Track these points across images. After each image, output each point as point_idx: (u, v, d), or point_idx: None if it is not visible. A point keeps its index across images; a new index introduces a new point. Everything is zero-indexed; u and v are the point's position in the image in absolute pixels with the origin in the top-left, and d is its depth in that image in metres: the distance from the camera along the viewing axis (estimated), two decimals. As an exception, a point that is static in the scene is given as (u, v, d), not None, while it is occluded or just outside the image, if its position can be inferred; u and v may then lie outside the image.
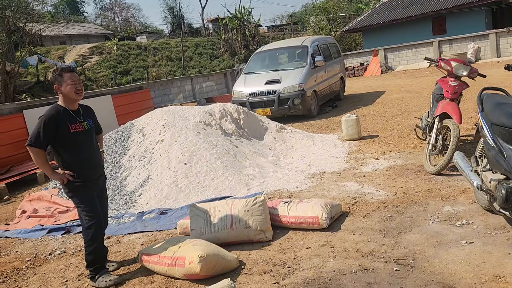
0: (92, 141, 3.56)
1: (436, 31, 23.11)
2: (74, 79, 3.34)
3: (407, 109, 9.50)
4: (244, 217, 3.76)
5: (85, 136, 3.44)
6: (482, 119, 3.41)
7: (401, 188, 4.55)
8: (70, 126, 3.32)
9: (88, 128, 3.48)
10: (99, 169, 3.62)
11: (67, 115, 3.35)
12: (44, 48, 27.80)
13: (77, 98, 3.39)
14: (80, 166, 3.40)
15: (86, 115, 3.53)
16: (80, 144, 3.40)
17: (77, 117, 3.41)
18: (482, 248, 3.04)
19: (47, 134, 3.24)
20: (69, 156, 3.37)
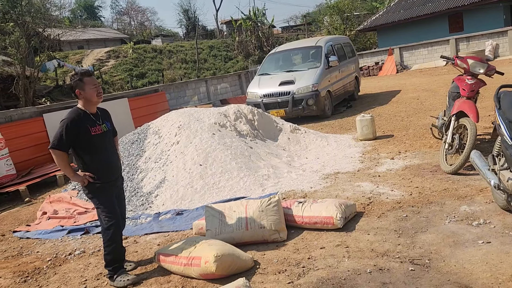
0: (111, 143, 3.67)
1: (452, 29, 22.78)
2: (95, 83, 3.47)
3: (423, 108, 9.40)
4: (259, 218, 3.79)
5: (104, 138, 3.53)
6: (500, 117, 3.37)
7: (416, 188, 4.51)
8: (90, 129, 3.41)
9: (107, 131, 3.58)
10: (117, 171, 3.71)
11: (87, 118, 3.44)
12: (63, 52, 28.36)
13: (98, 101, 3.51)
14: (100, 168, 3.48)
15: (104, 118, 3.63)
16: (100, 146, 3.49)
17: (96, 120, 3.50)
18: (500, 248, 3.01)
19: (69, 137, 3.33)
20: (90, 158, 3.45)
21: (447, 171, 4.75)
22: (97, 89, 3.47)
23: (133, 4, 64.89)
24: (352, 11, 30.81)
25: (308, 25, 44.44)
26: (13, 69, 14.76)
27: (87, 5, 57.81)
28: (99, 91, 3.50)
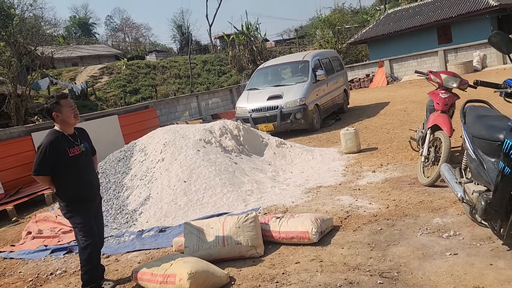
0: (90, 163, 3.75)
1: (441, 40, 23.13)
2: (71, 105, 3.57)
3: (409, 120, 9.53)
4: (236, 234, 3.85)
5: (82, 158, 3.60)
6: (464, 131, 3.47)
7: (394, 201, 4.59)
8: (68, 150, 3.49)
9: (85, 150, 3.66)
10: (96, 190, 3.79)
11: (64, 140, 3.52)
12: (56, 70, 28.52)
13: (75, 122, 3.61)
14: (79, 187, 3.56)
15: (82, 137, 3.72)
16: (79, 166, 3.56)
17: (74, 140, 3.58)
18: (465, 259, 3.08)
19: (50, 160, 3.41)
20: (69, 178, 3.51)
21: (424, 183, 4.84)
22: (74, 110, 3.57)
23: (128, 21, 65.48)
24: (343, 25, 31.22)
25: (301, 39, 44.92)
26: (4, 88, 14.86)
27: (81, 22, 58.31)
28: (76, 112, 3.61)
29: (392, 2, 42.43)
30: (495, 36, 2.73)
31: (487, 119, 3.25)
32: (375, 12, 37.91)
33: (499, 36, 2.73)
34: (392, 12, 27.34)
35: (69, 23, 57.24)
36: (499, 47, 2.73)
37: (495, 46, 2.74)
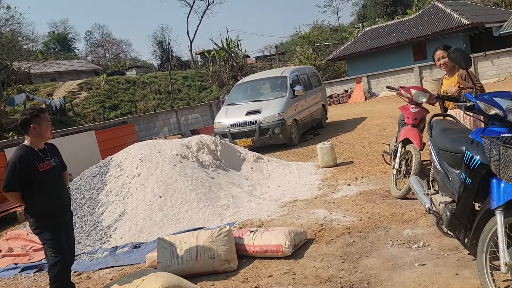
0: (60, 178, 3.70)
1: (417, 57, 23.73)
2: (49, 120, 3.60)
3: (384, 134, 9.70)
4: (209, 248, 3.84)
5: (53, 173, 3.56)
6: (431, 144, 3.57)
7: (367, 214, 4.66)
8: (38, 165, 3.43)
9: (55, 166, 3.61)
10: (66, 205, 3.74)
11: (35, 154, 3.47)
12: (33, 85, 28.05)
13: (49, 137, 3.63)
14: (49, 203, 3.50)
15: (52, 153, 3.67)
16: (49, 181, 3.51)
17: (44, 156, 3.53)
18: (433, 269, 3.14)
19: (20, 176, 3.36)
20: (39, 193, 3.46)
21: (396, 196, 4.93)
22: (50, 126, 3.59)
23: (108, 36, 65.17)
24: (322, 41, 31.78)
25: (281, 55, 45.48)
26: (-22, 104, 14.57)
27: (60, 37, 57.78)
28: (52, 128, 3.65)
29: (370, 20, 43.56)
30: (454, 52, 2.84)
31: (451, 132, 3.36)
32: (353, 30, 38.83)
33: (457, 52, 2.85)
34: (370, 30, 28.00)
35: (47, 38, 56.70)
36: (458, 62, 2.85)
37: (454, 62, 2.86)
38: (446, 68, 4.53)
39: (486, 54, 18.79)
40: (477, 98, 2.72)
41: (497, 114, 2.61)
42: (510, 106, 2.58)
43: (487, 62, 18.88)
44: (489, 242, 2.56)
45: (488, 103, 2.66)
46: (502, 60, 18.61)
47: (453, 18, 21.98)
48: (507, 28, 21.01)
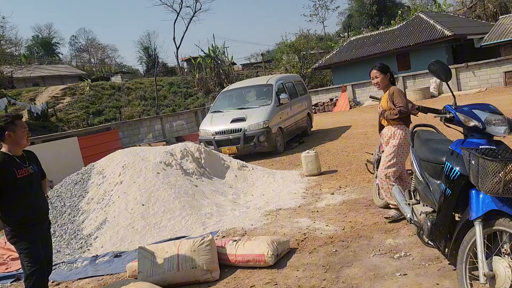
0: (38, 186, 3.64)
1: (401, 67, 24.09)
2: (25, 127, 3.53)
3: (368, 143, 9.78)
4: (191, 258, 3.80)
5: (31, 180, 3.50)
6: (413, 154, 3.61)
7: (350, 223, 4.67)
8: (17, 171, 3.39)
9: (33, 173, 3.56)
10: (44, 214, 3.67)
11: (12, 161, 3.43)
12: (15, 90, 27.58)
13: (26, 144, 3.54)
14: (26, 211, 3.44)
15: (31, 160, 3.62)
16: (26, 189, 3.45)
17: (22, 162, 3.49)
18: (414, 279, 3.16)
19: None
20: (16, 201, 3.40)
21: (379, 205, 4.95)
22: (26, 133, 3.53)
23: (93, 41, 64.60)
24: (308, 50, 32.04)
25: (267, 63, 45.68)
26: (-42, 108, 14.26)
27: (44, 42, 57.09)
28: (29, 135, 3.59)
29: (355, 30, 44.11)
30: (434, 64, 2.88)
31: (432, 143, 3.39)
32: (339, 39, 39.25)
33: (437, 64, 2.89)
34: (355, 39, 28.36)
35: (31, 42, 55.98)
36: (438, 75, 2.89)
37: (434, 74, 2.90)
38: (379, 87, 4.60)
39: (468, 65, 19.18)
40: (457, 110, 2.76)
41: (476, 126, 2.65)
42: (488, 118, 2.62)
43: (469, 73, 19.26)
44: (468, 252, 2.58)
45: (467, 115, 2.70)
46: (483, 71, 19.01)
47: (436, 30, 22.41)
48: (488, 40, 21.50)
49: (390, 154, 4.47)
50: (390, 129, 4.51)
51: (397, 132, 4.45)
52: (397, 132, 4.45)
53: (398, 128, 4.46)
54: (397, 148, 4.45)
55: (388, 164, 4.48)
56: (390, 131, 4.51)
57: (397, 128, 4.46)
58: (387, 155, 4.51)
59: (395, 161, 4.46)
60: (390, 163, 4.48)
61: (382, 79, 4.56)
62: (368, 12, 45.62)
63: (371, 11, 45.30)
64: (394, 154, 4.46)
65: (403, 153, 4.49)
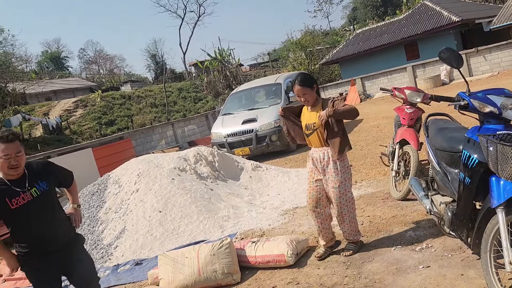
0: (48, 209, 2.93)
1: (409, 57, 23.85)
2: (8, 152, 2.72)
3: (382, 136, 9.69)
4: (211, 262, 3.80)
5: (33, 207, 2.81)
6: (428, 144, 3.56)
7: (368, 217, 4.62)
8: (10, 202, 2.74)
9: (38, 196, 2.85)
10: (60, 240, 2.95)
11: (5, 188, 2.76)
12: (29, 106, 28.08)
13: (11, 173, 2.78)
14: (30, 243, 2.84)
15: (37, 177, 2.90)
16: (26, 219, 2.81)
17: (18, 187, 2.79)
18: (438, 271, 3.11)
19: None
20: (16, 232, 2.85)
21: (396, 197, 4.90)
22: (10, 160, 2.72)
23: (101, 53, 65.33)
24: (314, 46, 31.92)
25: (274, 62, 45.64)
26: (-26, 127, 14.55)
27: (53, 56, 57.94)
28: (13, 163, 2.74)
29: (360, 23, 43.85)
30: (444, 52, 2.84)
31: (447, 131, 3.35)
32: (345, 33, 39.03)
33: (448, 52, 2.84)
34: (361, 32, 28.16)
35: (41, 58, 56.84)
36: (449, 62, 2.84)
37: (445, 62, 2.85)
38: (308, 103, 3.79)
39: (478, 49, 18.88)
40: (471, 97, 2.71)
41: (492, 112, 2.59)
42: (504, 103, 2.56)
43: (480, 57, 18.96)
44: (492, 241, 2.53)
45: (482, 101, 2.65)
46: (494, 55, 18.70)
47: (443, 16, 22.12)
48: (497, 23, 21.14)
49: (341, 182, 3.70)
50: (326, 151, 3.72)
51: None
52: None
53: None
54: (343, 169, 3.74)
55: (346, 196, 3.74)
56: (326, 154, 3.71)
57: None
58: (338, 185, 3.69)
59: (349, 186, 3.78)
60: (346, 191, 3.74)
61: (310, 94, 3.71)
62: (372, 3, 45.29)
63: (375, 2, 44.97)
64: (344, 179, 3.72)
65: (350, 175, 3.84)
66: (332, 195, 3.72)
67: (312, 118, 3.78)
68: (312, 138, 3.81)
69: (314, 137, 3.79)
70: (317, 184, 3.83)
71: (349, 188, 3.77)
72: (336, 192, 3.68)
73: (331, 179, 3.70)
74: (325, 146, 3.74)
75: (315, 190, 3.84)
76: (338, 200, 3.71)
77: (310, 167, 3.91)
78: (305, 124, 3.85)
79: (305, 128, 3.86)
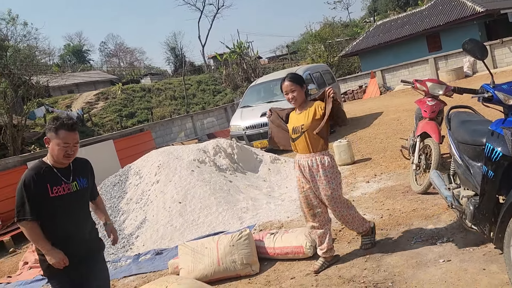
0: (82, 208, 2.84)
1: (431, 48, 23.38)
2: (68, 142, 2.68)
3: (402, 129, 9.57)
4: (230, 252, 3.85)
5: (71, 200, 2.72)
6: (450, 137, 3.51)
7: (387, 210, 4.59)
8: (50, 188, 2.64)
9: (78, 190, 2.77)
10: (83, 242, 2.80)
11: (49, 175, 2.68)
12: (52, 98, 28.68)
13: (65, 162, 2.74)
14: (56, 238, 2.67)
15: (79, 173, 2.82)
16: (61, 211, 2.70)
17: (63, 176, 2.72)
18: (459, 265, 3.08)
19: (30, 200, 2.60)
20: (45, 224, 2.66)
21: (417, 191, 4.85)
22: (67, 149, 2.68)
23: (122, 46, 66.05)
24: (333, 38, 31.58)
25: (293, 54, 45.36)
26: (0, 119, 14.93)
27: (75, 50, 58.89)
28: (70, 152, 2.71)
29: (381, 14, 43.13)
30: (468, 43, 2.78)
31: (470, 124, 3.29)
32: (365, 24, 38.46)
33: (472, 43, 2.79)
34: (381, 23, 27.71)
35: (63, 51, 57.86)
36: (473, 53, 2.78)
37: (469, 53, 2.80)
38: (296, 102, 3.59)
39: (503, 41, 18.36)
40: (495, 89, 2.66)
41: (517, 104, 2.54)
42: (530, 95, 2.51)
43: (505, 49, 18.44)
44: (515, 235, 2.49)
45: (507, 93, 2.59)
46: (520, 46, 18.18)
47: (467, 6, 21.58)
48: (523, 13, 20.51)
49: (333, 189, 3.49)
50: (314, 158, 3.50)
51: (324, 159, 3.50)
52: (325, 159, 3.50)
53: (324, 155, 3.52)
54: (333, 176, 3.51)
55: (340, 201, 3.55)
56: (314, 161, 3.49)
57: (322, 155, 3.51)
58: (330, 193, 3.48)
59: (341, 192, 3.58)
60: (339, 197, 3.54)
61: (299, 92, 3.56)
62: (393, -6, 44.43)
63: (397, -7, 44.09)
64: (336, 186, 3.51)
65: (340, 181, 3.60)
66: (327, 203, 3.56)
67: (300, 120, 3.55)
68: (299, 143, 3.56)
69: (301, 141, 3.53)
70: (308, 193, 3.61)
71: (340, 193, 3.56)
72: (329, 199, 3.51)
73: (322, 187, 3.49)
74: (312, 152, 3.50)
75: (307, 198, 3.63)
76: (334, 206, 3.54)
77: (297, 175, 3.67)
78: (292, 127, 3.60)
79: (292, 132, 3.61)
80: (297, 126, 3.55)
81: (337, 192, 3.52)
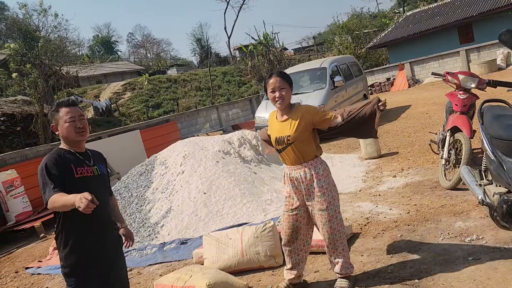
0: (102, 193, 2.67)
1: (463, 40, 22.69)
2: (73, 115, 2.56)
3: (430, 123, 9.34)
4: (254, 244, 3.86)
5: (93, 183, 2.57)
6: (482, 132, 3.39)
7: (414, 206, 4.51)
8: (75, 169, 2.52)
9: (99, 175, 2.66)
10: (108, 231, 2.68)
11: (72, 156, 2.57)
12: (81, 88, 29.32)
13: (78, 139, 2.60)
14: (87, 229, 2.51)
15: (97, 160, 2.75)
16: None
17: (85, 159, 2.63)
18: (489, 264, 2.99)
19: (54, 176, 2.41)
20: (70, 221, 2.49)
21: (446, 186, 4.73)
22: (75, 122, 2.55)
23: (148, 37, 66.83)
24: (361, 30, 31.01)
25: (319, 46, 44.83)
26: (32, 108, 15.37)
27: (104, 41, 59.98)
28: (79, 125, 2.56)
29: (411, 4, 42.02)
30: (505, 34, 2.67)
31: (505, 119, 3.17)
32: (394, 15, 37.58)
33: (509, 34, 2.68)
34: (411, 14, 27.05)
35: (92, 42, 59.00)
36: (510, 45, 2.67)
37: (505, 44, 2.69)
38: (283, 103, 3.09)
39: (540, 32, 17.61)
40: (533, 82, 2.55)
41: (556, 98, 2.43)
42: None
43: (542, 40, 17.69)
44: (550, 235, 2.40)
45: (545, 86, 2.48)
46: (558, 38, 17.38)
47: (502, -4, 20.79)
48: None
49: (329, 202, 3.08)
50: (307, 168, 3.09)
51: (318, 167, 3.12)
52: (319, 167, 3.13)
53: (317, 162, 3.14)
54: (329, 187, 3.13)
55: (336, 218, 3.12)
56: (308, 171, 3.08)
57: (316, 163, 3.13)
58: (326, 206, 3.07)
59: (338, 207, 3.17)
60: (336, 212, 3.12)
61: (288, 92, 3.10)
62: (424, -16, 43.16)
63: (428, -17, 42.82)
64: (332, 199, 3.11)
65: (337, 193, 3.23)
66: (320, 219, 3.08)
67: (284, 130, 3.09)
68: (286, 154, 3.13)
69: (289, 153, 3.10)
70: (296, 212, 3.19)
71: (338, 209, 3.14)
72: (324, 215, 3.05)
73: (317, 200, 3.06)
74: (304, 162, 3.08)
75: (293, 218, 3.20)
76: (328, 225, 3.07)
77: (287, 190, 3.23)
78: (275, 138, 3.14)
79: (275, 143, 3.16)
80: (281, 137, 3.10)
81: (334, 207, 3.10)
